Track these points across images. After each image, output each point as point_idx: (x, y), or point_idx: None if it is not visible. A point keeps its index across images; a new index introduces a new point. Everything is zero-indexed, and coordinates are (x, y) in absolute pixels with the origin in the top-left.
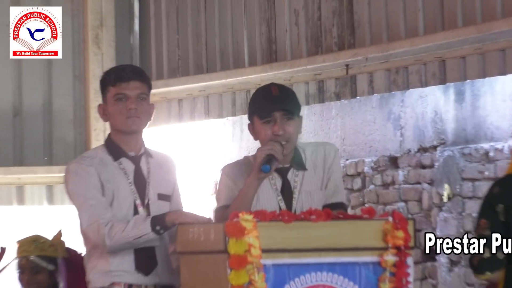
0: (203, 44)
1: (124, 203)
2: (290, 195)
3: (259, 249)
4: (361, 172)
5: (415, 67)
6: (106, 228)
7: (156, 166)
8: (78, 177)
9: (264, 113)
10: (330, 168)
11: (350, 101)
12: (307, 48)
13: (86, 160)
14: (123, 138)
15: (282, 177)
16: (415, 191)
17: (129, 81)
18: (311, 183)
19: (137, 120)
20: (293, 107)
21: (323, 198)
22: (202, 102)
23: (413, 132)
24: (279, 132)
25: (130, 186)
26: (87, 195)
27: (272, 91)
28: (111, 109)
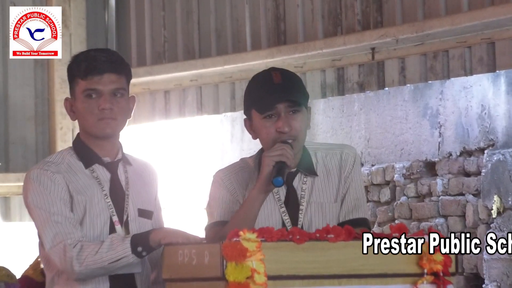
0: (195, 22)
1: (98, 220)
2: (296, 206)
3: (265, 275)
4: (390, 180)
5: (457, 50)
6: (74, 250)
7: (135, 176)
8: (41, 186)
9: (264, 105)
10: (348, 177)
11: (376, 93)
12: (324, 28)
13: (51, 166)
14: (97, 141)
15: (287, 184)
16: (457, 204)
17: (103, 74)
18: (322, 193)
19: (112, 122)
20: (300, 97)
21: (338, 212)
22: (194, 94)
23: (454, 132)
24: (285, 129)
25: (106, 199)
26: (52, 210)
27: (273, 77)
28: (80, 106)
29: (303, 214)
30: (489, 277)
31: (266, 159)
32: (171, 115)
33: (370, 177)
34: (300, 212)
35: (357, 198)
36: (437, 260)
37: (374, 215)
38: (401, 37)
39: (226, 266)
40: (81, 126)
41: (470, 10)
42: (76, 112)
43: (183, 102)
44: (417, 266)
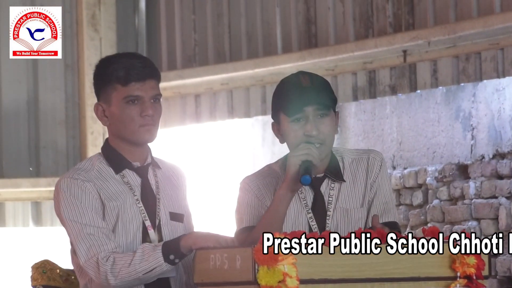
0: (226, 26)
1: (131, 225)
2: (323, 212)
3: (297, 279)
4: (422, 183)
5: (490, 52)
6: (107, 264)
7: (165, 179)
8: (72, 197)
9: (293, 109)
10: (375, 182)
11: (408, 95)
12: (355, 30)
13: (81, 174)
14: (128, 147)
15: (314, 189)
16: (490, 207)
17: (145, 80)
18: (349, 198)
19: (152, 128)
20: (328, 100)
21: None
22: (224, 98)
23: (487, 134)
24: (313, 132)
25: (138, 204)
26: (84, 221)
27: (301, 81)
28: (119, 113)
29: (330, 219)
30: None
31: (292, 159)
32: (202, 119)
33: (402, 180)
34: (327, 218)
35: (385, 202)
36: (470, 263)
37: (407, 219)
38: (433, 39)
39: (258, 270)
40: (115, 132)
41: (503, 12)
42: (111, 118)
43: (214, 106)
44: (450, 269)
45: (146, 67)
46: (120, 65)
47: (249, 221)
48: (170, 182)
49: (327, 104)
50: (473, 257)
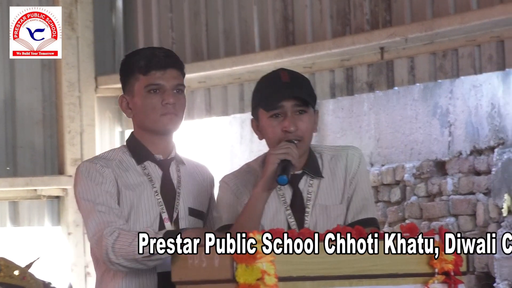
0: (203, 24)
1: (148, 216)
2: (302, 209)
3: (275, 277)
4: (400, 180)
5: (466, 49)
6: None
7: (188, 175)
8: (89, 179)
9: (271, 103)
10: (354, 178)
11: (386, 92)
12: (332, 28)
13: (101, 160)
14: (151, 138)
15: (293, 186)
16: (467, 203)
17: (166, 69)
18: (328, 195)
19: (174, 117)
20: (307, 97)
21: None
22: (202, 96)
23: (465, 131)
24: (290, 128)
25: (156, 196)
26: (97, 200)
27: (281, 77)
28: (141, 102)
29: (309, 216)
30: (500, 276)
31: (271, 157)
32: None
33: (380, 177)
34: (306, 215)
35: (364, 198)
36: (448, 260)
37: (385, 215)
38: (410, 36)
39: (236, 268)
40: (138, 123)
41: (479, 8)
42: (134, 109)
43: (192, 104)
44: (428, 266)
45: (168, 56)
46: (142, 55)
47: (227, 220)
48: (194, 179)
49: (305, 100)
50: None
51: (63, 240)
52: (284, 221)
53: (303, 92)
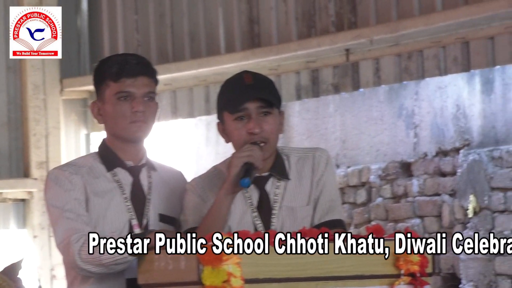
0: (168, 26)
1: (117, 222)
2: (268, 211)
3: (242, 279)
4: (366, 182)
5: (431, 51)
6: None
7: (160, 182)
8: (58, 185)
9: (235, 106)
10: (320, 179)
11: (351, 94)
12: (298, 30)
13: (70, 167)
14: (122, 145)
15: (259, 188)
16: (433, 204)
17: (137, 77)
18: (295, 197)
19: (143, 125)
20: (271, 98)
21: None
22: (168, 98)
23: (430, 132)
24: (255, 130)
25: (126, 203)
26: (65, 207)
27: (244, 79)
28: (111, 109)
29: (275, 218)
30: (466, 277)
31: (234, 160)
32: None
33: (346, 178)
34: (272, 217)
35: (331, 199)
36: (413, 261)
37: (350, 217)
38: (375, 37)
39: (202, 271)
40: (109, 130)
41: (444, 10)
42: (105, 116)
43: None
44: (394, 267)
45: (140, 63)
46: (114, 62)
47: (193, 222)
48: (167, 185)
49: (270, 101)
50: (417, 254)
51: (28, 243)
52: (251, 223)
53: (267, 93)
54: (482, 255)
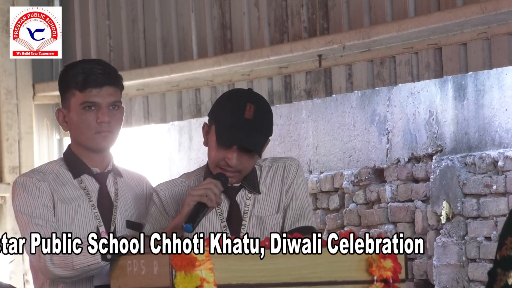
0: (141, 31)
1: (85, 229)
2: (238, 222)
3: (215, 284)
4: (339, 187)
5: (404, 56)
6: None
7: (126, 188)
8: (25, 192)
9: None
10: (290, 188)
11: (324, 100)
12: (270, 35)
13: (37, 174)
14: (87, 153)
15: (230, 199)
16: (406, 210)
17: (102, 87)
18: (264, 207)
19: (109, 135)
20: (260, 147)
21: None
22: (140, 104)
23: (403, 138)
24: (232, 163)
25: (93, 210)
26: (34, 214)
27: (245, 112)
28: (76, 118)
29: (245, 228)
30: (439, 283)
31: (187, 198)
32: None
33: (319, 184)
34: (242, 227)
35: (301, 207)
36: (386, 267)
37: (324, 223)
38: (347, 43)
39: (175, 276)
40: (74, 138)
41: (417, 16)
42: (70, 123)
43: (130, 112)
44: (366, 273)
45: (105, 73)
46: (80, 70)
47: (148, 231)
48: (132, 191)
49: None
50: (390, 260)
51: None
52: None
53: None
54: (455, 261)
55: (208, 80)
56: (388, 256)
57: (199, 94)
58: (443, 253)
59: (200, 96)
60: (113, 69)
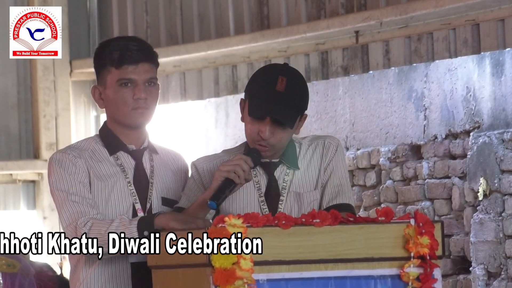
0: (178, 8)
1: (121, 206)
2: (276, 197)
3: (251, 261)
4: (375, 164)
5: (441, 33)
6: (85, 228)
7: (162, 165)
8: (62, 169)
9: (256, 112)
10: (329, 165)
11: (361, 76)
12: (307, 11)
13: (74, 151)
14: (123, 129)
15: (268, 174)
16: (443, 187)
17: (138, 63)
18: (302, 183)
19: (145, 111)
20: (291, 120)
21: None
22: (177, 80)
23: (440, 114)
24: (266, 136)
25: (129, 187)
26: (70, 191)
27: (277, 84)
28: (112, 95)
29: (283, 204)
30: (476, 260)
31: (217, 173)
32: None
33: (356, 161)
34: (280, 202)
35: (340, 184)
36: (423, 244)
37: (360, 199)
38: (384, 20)
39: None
40: (110, 114)
41: None
42: (106, 100)
43: (166, 88)
44: (403, 249)
45: (141, 50)
46: (115, 47)
47: (183, 204)
48: (168, 168)
49: (289, 123)
50: (427, 237)
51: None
52: (258, 208)
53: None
54: (492, 238)
55: (245, 56)
56: (425, 233)
57: (235, 71)
58: (480, 229)
59: (237, 73)
60: (148, 46)
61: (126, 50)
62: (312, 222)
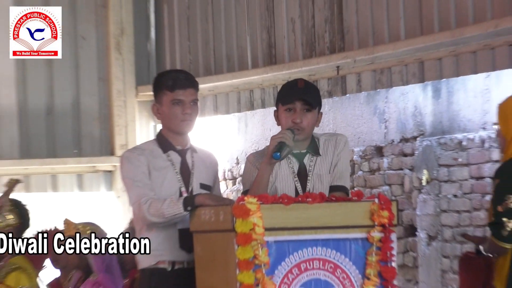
0: (211, 49)
1: (171, 190)
2: (305, 177)
3: (263, 227)
4: (351, 160)
5: (397, 67)
6: (145, 206)
7: (199, 160)
8: (130, 163)
9: (286, 99)
10: (338, 155)
11: (340, 98)
12: (303, 52)
13: (138, 150)
14: (173, 135)
15: (299, 161)
16: (398, 176)
17: (186, 89)
18: (322, 167)
19: (190, 123)
20: (312, 100)
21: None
22: (211, 101)
23: (396, 125)
24: (297, 120)
25: (177, 176)
26: (136, 178)
27: (298, 83)
28: (167, 111)
29: (309, 182)
30: (420, 227)
31: (271, 140)
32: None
33: None
34: (308, 181)
35: (342, 170)
36: (384, 216)
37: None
38: (357, 58)
39: (235, 221)
40: (164, 125)
41: (407, 39)
42: (162, 115)
43: (203, 106)
44: (370, 220)
45: (188, 79)
46: (169, 77)
47: (248, 185)
48: (204, 163)
49: (311, 102)
50: (387, 211)
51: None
52: (293, 185)
53: (311, 96)
54: (432, 212)
55: (259, 83)
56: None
57: (252, 94)
58: (424, 206)
59: (253, 95)
60: (192, 76)
61: (177, 79)
62: (306, 200)
